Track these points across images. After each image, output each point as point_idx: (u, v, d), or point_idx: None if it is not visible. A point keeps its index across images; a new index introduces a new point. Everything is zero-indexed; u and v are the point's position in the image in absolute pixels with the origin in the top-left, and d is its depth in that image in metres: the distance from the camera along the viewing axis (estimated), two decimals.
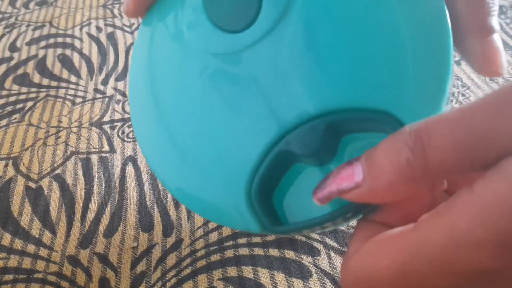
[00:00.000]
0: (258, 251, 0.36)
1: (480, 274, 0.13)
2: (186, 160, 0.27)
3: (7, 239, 0.39)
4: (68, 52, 0.61)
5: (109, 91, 0.54)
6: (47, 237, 0.39)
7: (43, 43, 0.64)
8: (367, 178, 0.15)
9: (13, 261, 0.37)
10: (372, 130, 0.22)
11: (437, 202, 0.15)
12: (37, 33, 0.66)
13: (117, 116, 0.50)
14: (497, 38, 0.23)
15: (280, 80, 0.24)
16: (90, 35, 0.65)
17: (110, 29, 0.66)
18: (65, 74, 0.57)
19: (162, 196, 0.41)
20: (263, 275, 0.34)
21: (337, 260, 0.35)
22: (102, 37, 0.64)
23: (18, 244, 0.38)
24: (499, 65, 0.24)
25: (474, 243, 0.12)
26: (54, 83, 0.56)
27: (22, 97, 0.54)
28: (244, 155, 0.24)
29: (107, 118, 0.50)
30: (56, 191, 0.42)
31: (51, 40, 0.64)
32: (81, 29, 0.66)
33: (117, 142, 0.47)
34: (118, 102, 0.52)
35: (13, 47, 0.63)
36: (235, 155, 0.25)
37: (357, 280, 0.15)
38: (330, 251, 0.35)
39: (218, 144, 0.25)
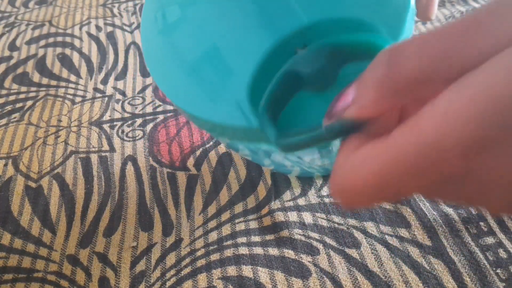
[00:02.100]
0: (258, 250, 0.36)
1: (452, 177, 0.15)
2: (195, 73, 0.29)
3: (6, 238, 0.39)
4: (67, 51, 0.61)
5: (109, 90, 0.54)
6: (46, 236, 0.39)
7: (42, 42, 0.64)
8: (356, 96, 0.18)
9: (12, 261, 0.37)
10: (365, 57, 0.26)
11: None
12: (36, 32, 0.66)
13: (117, 115, 0.50)
14: None
15: None
16: (89, 34, 0.64)
17: (109, 28, 0.66)
18: (65, 73, 0.57)
19: (162, 195, 0.41)
20: (263, 274, 0.34)
21: (337, 259, 0.35)
22: (102, 37, 0.64)
23: (18, 243, 0.38)
24: (431, 12, 0.36)
25: (443, 149, 0.14)
26: (53, 82, 0.56)
27: (22, 96, 0.54)
28: (247, 59, 0.27)
29: (106, 117, 0.50)
30: (56, 190, 0.42)
31: (51, 39, 0.64)
32: (80, 28, 0.66)
33: (116, 142, 0.47)
34: (117, 101, 0.52)
35: (12, 46, 0.63)
36: (238, 63, 0.28)
37: (343, 191, 0.17)
38: (330, 250, 0.35)
39: (224, 54, 0.28)
